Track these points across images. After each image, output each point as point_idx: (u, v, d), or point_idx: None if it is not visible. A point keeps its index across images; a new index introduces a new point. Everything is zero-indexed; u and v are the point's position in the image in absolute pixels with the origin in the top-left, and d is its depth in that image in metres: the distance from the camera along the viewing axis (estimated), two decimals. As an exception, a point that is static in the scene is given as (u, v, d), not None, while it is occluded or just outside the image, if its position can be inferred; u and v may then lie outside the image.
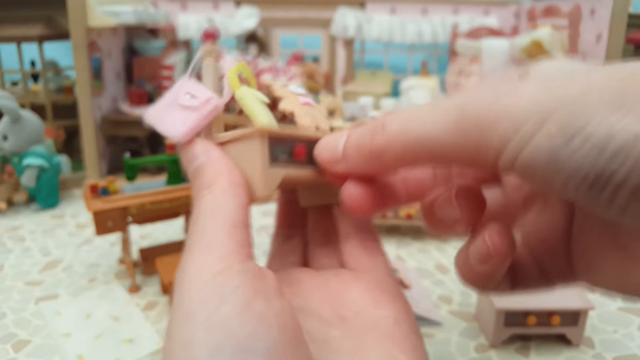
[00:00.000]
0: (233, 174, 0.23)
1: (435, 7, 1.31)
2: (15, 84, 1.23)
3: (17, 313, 0.60)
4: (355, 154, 0.22)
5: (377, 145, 0.20)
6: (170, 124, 0.25)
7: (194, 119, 0.25)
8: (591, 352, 0.54)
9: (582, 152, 0.15)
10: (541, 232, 0.23)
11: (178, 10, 1.27)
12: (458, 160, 0.18)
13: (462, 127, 0.17)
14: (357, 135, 0.22)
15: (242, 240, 0.20)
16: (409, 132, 0.19)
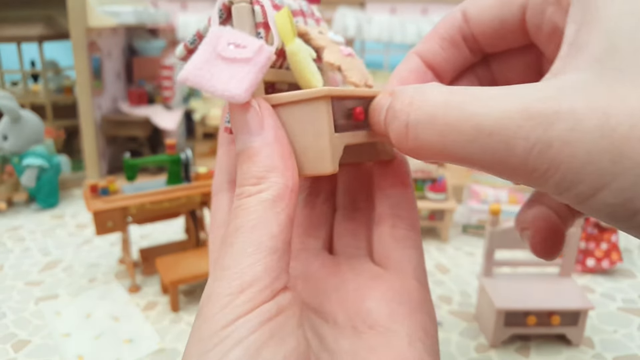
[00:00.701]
0: (290, 170, 0.20)
1: (435, 7, 1.31)
2: (15, 84, 1.23)
3: (17, 313, 0.60)
4: (391, 137, 0.19)
5: (409, 148, 0.18)
6: (222, 82, 0.20)
7: (252, 73, 0.20)
8: (591, 352, 0.54)
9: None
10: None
11: (178, 10, 1.27)
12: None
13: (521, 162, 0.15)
14: (391, 123, 0.18)
15: (279, 268, 0.19)
16: (446, 148, 0.16)
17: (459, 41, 0.22)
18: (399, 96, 0.18)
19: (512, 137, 0.14)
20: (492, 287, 0.55)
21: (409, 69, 0.22)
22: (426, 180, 0.79)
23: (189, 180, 0.70)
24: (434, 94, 0.17)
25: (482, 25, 0.21)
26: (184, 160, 0.68)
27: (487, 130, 0.15)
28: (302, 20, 0.26)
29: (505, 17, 0.20)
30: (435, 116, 0.16)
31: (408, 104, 0.17)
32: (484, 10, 0.21)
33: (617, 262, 0.68)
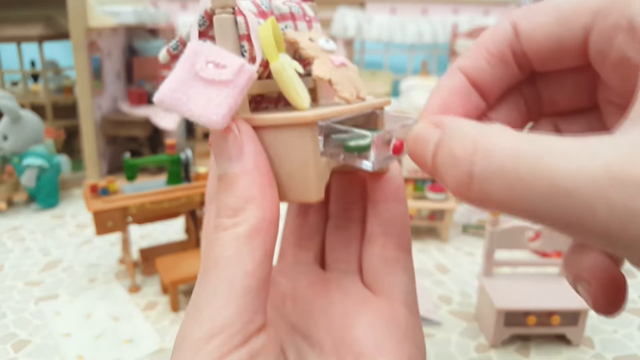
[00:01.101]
0: (268, 200, 0.19)
1: (435, 7, 1.31)
2: (15, 84, 1.23)
3: (17, 313, 0.60)
4: (448, 184, 0.17)
5: (471, 199, 0.16)
6: (199, 106, 0.19)
7: (231, 97, 0.19)
8: (591, 352, 0.54)
9: None
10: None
11: (178, 10, 1.27)
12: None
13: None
14: (445, 164, 0.17)
15: (252, 311, 0.18)
16: (516, 204, 0.15)
17: (508, 57, 0.20)
18: (457, 137, 0.16)
19: (595, 201, 0.13)
20: (492, 287, 0.55)
21: (453, 88, 0.21)
22: (426, 180, 0.79)
23: (189, 180, 0.70)
24: (502, 142, 0.15)
25: (536, 43, 0.19)
26: (184, 160, 0.68)
27: (565, 191, 0.14)
28: (292, 24, 0.25)
29: (563, 37, 0.18)
30: (505, 169, 0.15)
31: (472, 152, 0.15)
32: (539, 27, 0.19)
33: (617, 262, 0.69)
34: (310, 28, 0.25)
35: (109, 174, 1.04)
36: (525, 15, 0.19)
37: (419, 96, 1.07)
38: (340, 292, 0.23)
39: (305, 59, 0.23)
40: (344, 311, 0.22)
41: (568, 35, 0.18)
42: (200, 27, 0.22)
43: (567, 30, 0.18)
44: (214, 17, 0.21)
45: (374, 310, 0.22)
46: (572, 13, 0.18)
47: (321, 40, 0.24)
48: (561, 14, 0.18)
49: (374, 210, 0.24)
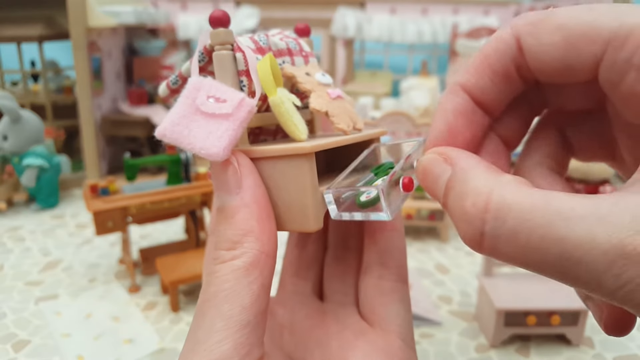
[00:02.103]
0: (266, 233, 0.19)
1: (435, 7, 1.31)
2: (15, 84, 1.23)
3: (17, 313, 0.60)
4: (460, 235, 0.17)
5: (482, 253, 0.16)
6: (200, 139, 0.20)
7: (231, 130, 0.20)
8: (591, 352, 0.54)
9: None
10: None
11: (178, 10, 1.27)
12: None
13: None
14: (456, 214, 0.17)
15: (249, 344, 0.18)
16: (526, 265, 0.15)
17: (512, 73, 0.19)
18: (467, 188, 0.16)
19: (603, 272, 0.13)
20: (492, 287, 0.55)
21: (456, 109, 0.20)
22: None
23: (189, 180, 0.70)
24: (515, 202, 0.15)
25: (541, 62, 0.18)
26: (184, 160, 0.69)
27: (575, 259, 0.14)
28: (290, 60, 0.25)
29: (571, 61, 0.17)
30: (518, 233, 0.15)
31: (482, 210, 0.15)
32: (545, 48, 0.18)
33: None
34: (307, 63, 0.26)
35: (109, 174, 1.04)
36: (530, 31, 0.18)
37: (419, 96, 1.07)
38: (337, 324, 0.23)
39: (303, 93, 0.24)
40: (340, 344, 0.22)
41: (576, 60, 0.17)
42: (200, 62, 0.22)
43: (576, 55, 0.17)
44: (213, 54, 0.21)
45: (369, 342, 0.22)
46: (582, 38, 0.17)
47: (318, 75, 0.25)
48: (570, 37, 0.17)
49: (370, 240, 0.24)
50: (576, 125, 0.21)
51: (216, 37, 0.21)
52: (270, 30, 0.26)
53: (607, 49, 0.16)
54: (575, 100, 0.21)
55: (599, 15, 0.17)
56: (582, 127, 0.21)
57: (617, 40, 0.16)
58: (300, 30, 0.27)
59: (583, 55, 0.17)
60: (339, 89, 0.25)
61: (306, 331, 0.23)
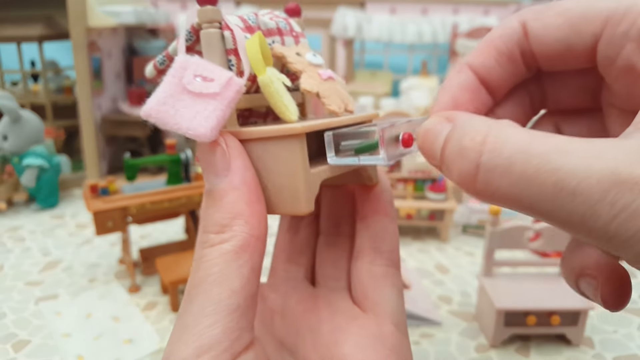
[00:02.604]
0: (256, 216, 0.19)
1: (435, 7, 1.31)
2: (15, 84, 1.23)
3: (17, 313, 0.60)
4: (454, 175, 0.17)
5: (476, 191, 0.16)
6: (187, 119, 0.19)
7: (219, 109, 0.19)
8: (591, 352, 0.54)
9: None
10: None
11: (178, 10, 1.27)
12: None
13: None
14: (452, 155, 0.16)
15: (239, 329, 0.18)
16: (520, 200, 0.15)
17: (516, 56, 0.20)
18: (466, 129, 0.16)
19: (597, 201, 0.13)
20: (492, 287, 0.55)
21: (462, 85, 0.20)
22: (426, 180, 0.79)
23: (189, 180, 0.70)
24: (512, 136, 0.15)
25: (545, 45, 0.19)
26: (184, 160, 0.69)
27: (570, 190, 0.14)
28: (280, 39, 0.25)
29: (572, 41, 0.18)
30: (514, 164, 0.14)
31: (480, 142, 0.15)
32: (549, 30, 0.19)
33: (617, 262, 0.68)
34: (297, 43, 0.26)
35: (109, 174, 1.04)
36: (536, 16, 0.19)
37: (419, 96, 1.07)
38: (329, 309, 0.23)
39: (293, 73, 0.23)
40: (332, 328, 0.22)
41: (577, 40, 0.18)
42: (188, 42, 0.22)
43: (577, 34, 0.18)
44: (200, 32, 0.21)
45: (361, 328, 0.22)
46: (583, 18, 0.18)
47: (308, 55, 0.24)
48: (571, 18, 0.18)
49: (363, 224, 0.24)
50: (571, 124, 0.22)
51: (204, 15, 0.20)
52: (260, 11, 0.25)
53: (606, 27, 0.17)
54: (572, 95, 0.21)
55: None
56: (578, 124, 0.22)
57: (615, 17, 0.17)
58: (290, 10, 0.26)
59: (583, 34, 0.18)
60: (330, 70, 0.25)
61: (298, 316, 0.23)
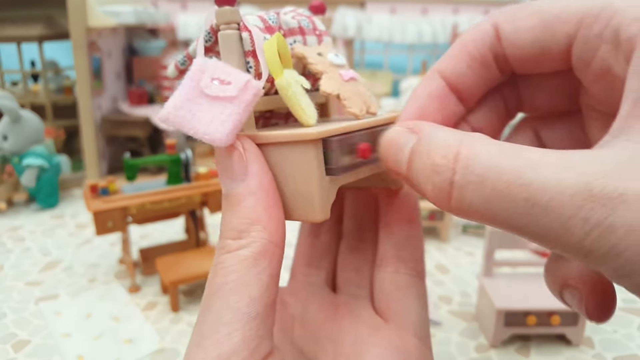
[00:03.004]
0: (274, 222, 0.18)
1: (435, 7, 1.31)
2: (15, 84, 1.23)
3: (17, 313, 0.60)
4: (427, 193, 0.16)
5: (450, 208, 0.16)
6: (204, 123, 0.18)
7: (236, 114, 0.19)
8: (591, 352, 0.54)
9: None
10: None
11: (178, 10, 1.27)
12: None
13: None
14: (424, 172, 0.16)
15: (258, 337, 0.17)
16: (494, 216, 0.14)
17: (489, 61, 0.19)
18: (437, 145, 0.16)
19: (570, 217, 0.13)
20: (492, 287, 0.55)
21: (430, 92, 0.20)
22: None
23: (189, 180, 0.70)
24: (483, 151, 0.15)
25: (518, 48, 0.18)
26: (184, 160, 0.69)
27: (542, 205, 0.13)
28: (301, 39, 0.24)
29: (546, 43, 0.18)
30: (485, 180, 0.14)
31: (452, 160, 0.15)
32: (522, 32, 0.18)
33: (617, 262, 0.68)
34: (320, 42, 0.25)
35: (109, 174, 1.04)
36: (508, 18, 0.19)
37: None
38: (350, 318, 0.22)
39: (315, 74, 0.22)
40: (353, 339, 0.21)
41: (551, 42, 0.18)
42: (206, 43, 0.21)
43: (551, 36, 0.18)
44: (218, 33, 0.20)
45: (383, 339, 0.21)
46: (557, 19, 0.17)
47: (330, 55, 0.24)
48: (545, 19, 0.18)
49: (386, 231, 0.23)
50: (550, 128, 0.21)
51: (221, 16, 0.20)
52: (283, 8, 0.25)
53: (580, 28, 0.17)
54: (549, 98, 0.21)
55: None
56: (557, 128, 0.21)
57: (589, 18, 0.17)
58: (315, 7, 0.26)
59: (557, 35, 0.17)
60: (352, 71, 0.24)
61: (318, 325, 0.23)
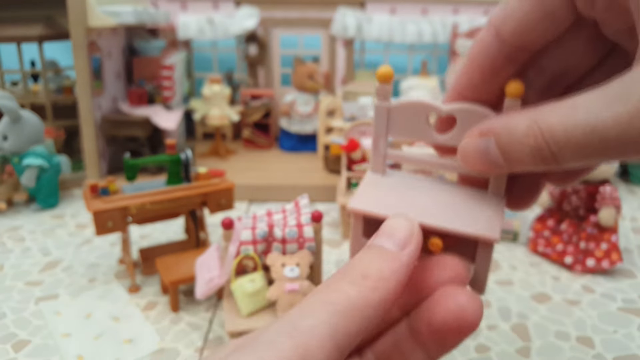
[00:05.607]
0: (393, 295, 0.18)
1: (435, 7, 1.31)
2: (15, 84, 1.23)
3: (17, 313, 0.60)
4: (525, 164, 0.19)
5: (558, 163, 0.18)
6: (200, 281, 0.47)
7: (212, 285, 0.47)
8: (591, 352, 0.54)
9: None
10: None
11: (178, 10, 1.27)
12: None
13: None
14: (521, 155, 0.19)
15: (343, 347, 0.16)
16: (589, 158, 0.17)
17: (501, 64, 0.21)
18: (519, 132, 0.18)
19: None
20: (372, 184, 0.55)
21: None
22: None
23: (189, 180, 0.70)
24: (554, 119, 0.18)
25: (524, 34, 0.20)
26: (184, 160, 0.68)
27: (614, 130, 0.16)
28: (281, 247, 0.41)
29: (547, 6, 0.19)
30: (570, 138, 0.17)
31: (541, 138, 0.18)
32: (521, 22, 0.20)
33: (617, 262, 0.68)
34: (300, 248, 0.41)
35: (109, 174, 1.04)
36: (503, 19, 0.20)
37: (419, 96, 1.07)
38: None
39: (269, 280, 0.44)
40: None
41: (556, 7, 0.19)
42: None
43: (550, 3, 0.19)
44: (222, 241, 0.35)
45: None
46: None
47: (287, 269, 0.39)
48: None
49: (435, 337, 0.19)
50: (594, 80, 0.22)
51: (225, 236, 0.47)
52: (286, 205, 0.41)
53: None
54: (576, 56, 0.22)
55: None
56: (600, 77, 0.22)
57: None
58: (315, 217, 0.42)
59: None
60: (297, 284, 0.37)
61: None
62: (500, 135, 0.19)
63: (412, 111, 0.22)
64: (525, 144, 0.18)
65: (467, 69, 0.22)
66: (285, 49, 1.35)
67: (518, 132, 0.18)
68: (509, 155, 0.19)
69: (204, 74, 1.37)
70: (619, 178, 1.09)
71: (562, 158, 0.18)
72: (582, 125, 0.17)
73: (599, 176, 0.71)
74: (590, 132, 0.16)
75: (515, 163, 0.19)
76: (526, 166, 0.19)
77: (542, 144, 0.18)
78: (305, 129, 1.21)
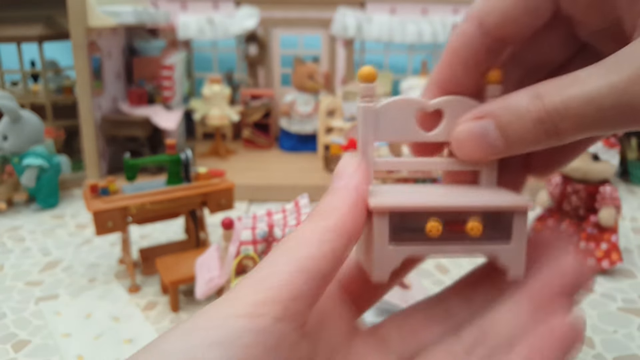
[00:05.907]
0: (352, 215, 0.19)
1: (435, 7, 1.31)
2: (15, 84, 1.23)
3: (17, 313, 0.60)
4: (529, 141, 0.19)
5: (559, 136, 0.18)
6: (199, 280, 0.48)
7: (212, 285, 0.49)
8: (591, 352, 0.54)
9: None
10: None
11: (178, 10, 1.27)
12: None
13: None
14: (523, 132, 0.19)
15: (301, 294, 0.17)
16: (589, 129, 0.18)
17: (484, 57, 0.21)
18: (519, 108, 0.19)
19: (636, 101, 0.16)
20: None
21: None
22: (426, 180, 0.79)
23: (189, 180, 0.70)
24: (554, 91, 0.18)
25: (507, 27, 0.20)
26: (184, 160, 0.68)
27: (609, 99, 0.17)
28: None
29: (532, 3, 0.19)
30: (568, 109, 0.18)
31: (543, 110, 0.18)
32: (505, 13, 0.20)
33: (617, 262, 0.68)
34: None
35: (109, 174, 1.04)
36: (488, 10, 0.20)
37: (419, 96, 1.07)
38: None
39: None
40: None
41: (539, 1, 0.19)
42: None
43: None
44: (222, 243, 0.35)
45: None
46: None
47: None
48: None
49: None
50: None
51: (225, 235, 0.49)
52: (286, 205, 0.37)
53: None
54: (554, 48, 0.22)
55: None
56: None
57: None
58: None
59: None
60: None
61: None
62: (501, 116, 0.19)
63: (398, 110, 0.21)
64: (527, 118, 0.18)
65: (448, 62, 0.21)
66: (285, 49, 1.35)
67: (520, 107, 0.19)
68: (510, 134, 0.19)
69: (204, 74, 1.37)
70: (619, 178, 1.09)
71: (564, 130, 0.18)
72: (580, 95, 0.17)
73: (599, 176, 0.71)
74: (588, 102, 0.17)
75: (515, 143, 0.19)
76: (527, 145, 0.19)
77: (544, 117, 0.18)
78: (305, 129, 1.21)
